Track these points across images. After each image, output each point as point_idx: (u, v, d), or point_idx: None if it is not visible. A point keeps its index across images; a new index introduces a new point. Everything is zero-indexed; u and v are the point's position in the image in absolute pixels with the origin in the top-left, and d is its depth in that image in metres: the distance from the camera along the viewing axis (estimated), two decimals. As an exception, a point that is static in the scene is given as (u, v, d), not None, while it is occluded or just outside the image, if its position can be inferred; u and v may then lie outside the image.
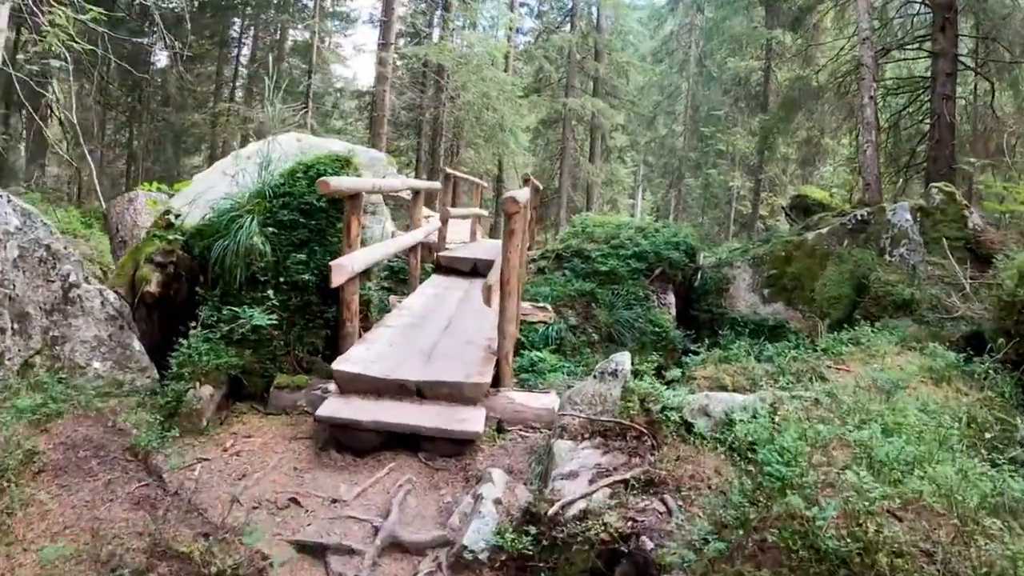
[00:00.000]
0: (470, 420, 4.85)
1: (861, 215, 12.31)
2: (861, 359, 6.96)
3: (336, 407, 4.95)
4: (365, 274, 6.38)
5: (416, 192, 8.74)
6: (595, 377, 4.39)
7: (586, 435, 4.04)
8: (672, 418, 4.07)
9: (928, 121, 17.30)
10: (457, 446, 4.83)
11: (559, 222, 29.88)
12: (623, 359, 4.41)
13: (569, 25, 34.16)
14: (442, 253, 10.10)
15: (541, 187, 35.59)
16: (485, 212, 15.99)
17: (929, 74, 17.58)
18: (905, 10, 19.93)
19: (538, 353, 8.88)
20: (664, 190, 40.89)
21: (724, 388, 6.46)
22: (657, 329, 10.56)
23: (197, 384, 5.38)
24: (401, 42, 28.42)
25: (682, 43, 38.68)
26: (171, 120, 23.79)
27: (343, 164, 6.43)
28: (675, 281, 11.77)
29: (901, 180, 19.31)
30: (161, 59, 30.52)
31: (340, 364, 5.25)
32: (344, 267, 5.10)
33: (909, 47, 19.24)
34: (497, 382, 5.68)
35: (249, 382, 5.88)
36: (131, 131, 26.34)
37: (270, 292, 5.84)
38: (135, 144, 25.81)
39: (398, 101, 29.28)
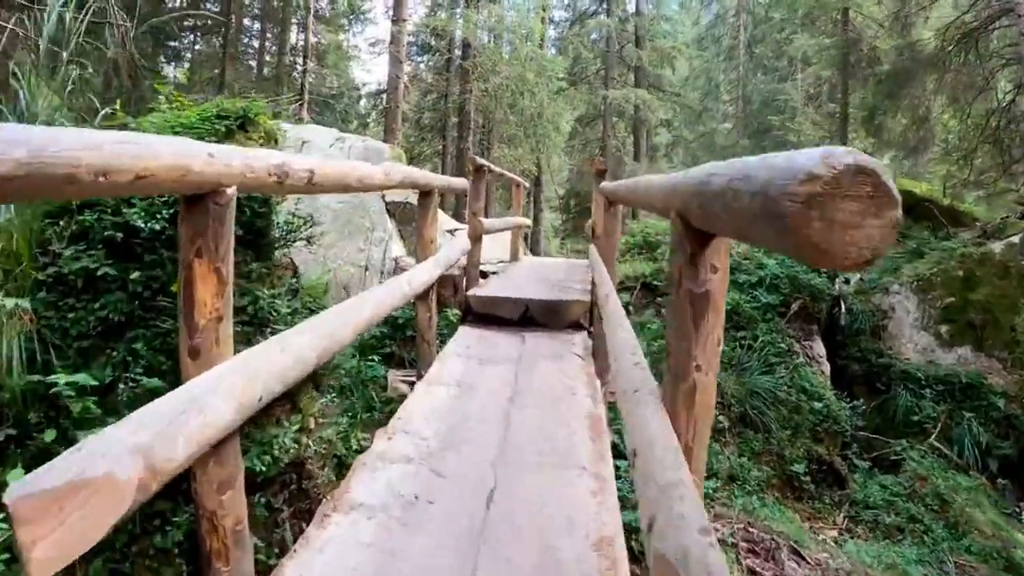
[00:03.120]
0: None
1: (1068, 216, 8.48)
2: None
3: None
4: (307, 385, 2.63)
5: (425, 194, 4.94)
6: None
7: None
8: None
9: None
10: None
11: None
12: None
13: (605, 11, 30.43)
14: (474, 291, 6.35)
15: (584, 191, 32.00)
16: (528, 221, 12.22)
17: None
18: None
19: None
20: (715, 190, 36.91)
21: None
22: (815, 403, 6.72)
23: None
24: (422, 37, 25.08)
25: (730, 27, 34.89)
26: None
27: (233, 125, 2.74)
28: (819, 319, 7.95)
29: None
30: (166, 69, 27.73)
31: None
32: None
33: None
34: None
35: None
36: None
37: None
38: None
39: (422, 101, 25.73)
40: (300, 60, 26.42)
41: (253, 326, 2.33)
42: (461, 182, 5.94)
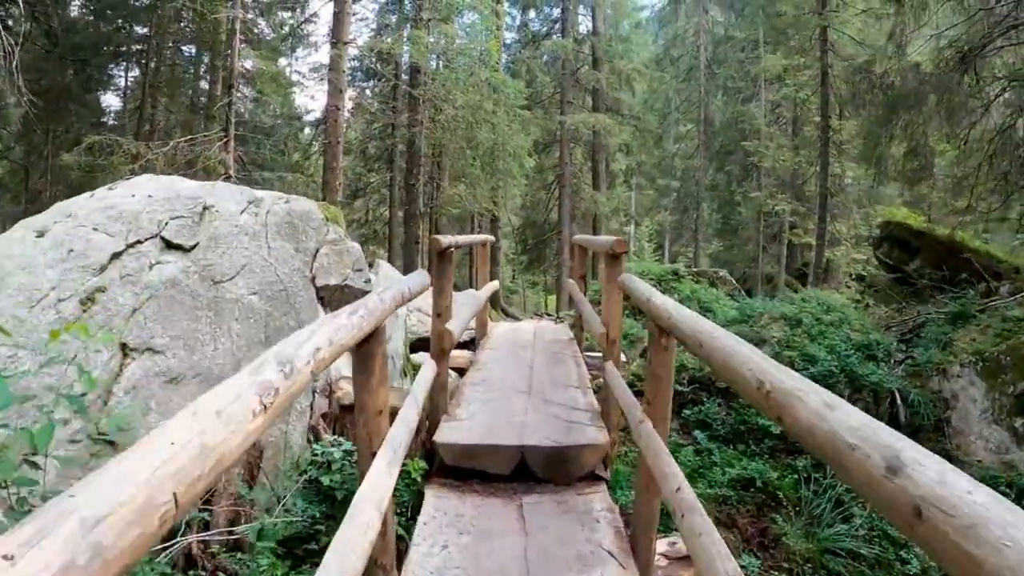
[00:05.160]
0: None
1: None
2: None
3: None
4: None
5: (364, 342, 2.96)
6: None
7: None
8: None
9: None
10: None
11: (563, 264, 24.27)
12: None
13: (560, 31, 28.98)
14: (445, 436, 4.44)
15: (540, 221, 30.16)
16: (497, 284, 10.32)
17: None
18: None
19: None
20: (678, 215, 35.36)
21: None
22: (902, 552, 4.95)
23: None
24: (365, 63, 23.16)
25: (689, 47, 33.64)
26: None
27: None
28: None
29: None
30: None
31: None
32: None
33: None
34: None
35: None
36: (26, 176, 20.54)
37: None
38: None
39: (368, 129, 23.84)
40: (228, 90, 24.32)
41: None
42: (421, 282, 4.02)
